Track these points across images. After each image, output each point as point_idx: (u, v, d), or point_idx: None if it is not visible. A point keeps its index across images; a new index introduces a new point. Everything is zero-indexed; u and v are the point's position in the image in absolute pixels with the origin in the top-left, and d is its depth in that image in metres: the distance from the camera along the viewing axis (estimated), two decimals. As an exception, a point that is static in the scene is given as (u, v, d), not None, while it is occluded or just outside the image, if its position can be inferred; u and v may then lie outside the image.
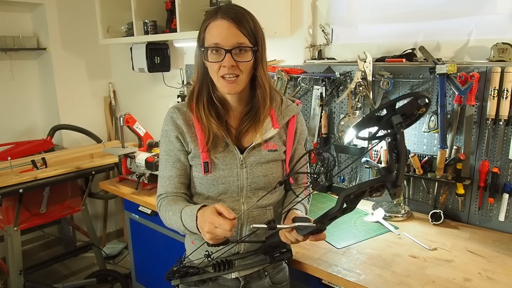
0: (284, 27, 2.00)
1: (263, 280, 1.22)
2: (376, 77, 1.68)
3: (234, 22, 1.03)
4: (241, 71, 1.06)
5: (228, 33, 1.03)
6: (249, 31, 1.05)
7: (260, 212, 1.18)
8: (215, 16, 1.05)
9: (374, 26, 1.81)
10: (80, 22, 2.98)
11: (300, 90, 1.96)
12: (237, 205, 1.16)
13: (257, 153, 1.15)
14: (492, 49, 1.44)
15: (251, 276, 1.21)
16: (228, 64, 1.04)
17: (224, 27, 1.03)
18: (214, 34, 1.04)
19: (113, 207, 3.34)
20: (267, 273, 1.23)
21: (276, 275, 1.25)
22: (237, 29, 1.04)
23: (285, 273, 1.29)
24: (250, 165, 1.15)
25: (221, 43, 1.03)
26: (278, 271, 1.26)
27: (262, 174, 1.16)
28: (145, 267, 2.18)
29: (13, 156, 2.39)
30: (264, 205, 1.18)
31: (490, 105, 1.42)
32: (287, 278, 1.29)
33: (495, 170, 1.46)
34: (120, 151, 2.17)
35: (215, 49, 1.05)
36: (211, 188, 1.16)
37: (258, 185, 1.16)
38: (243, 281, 1.20)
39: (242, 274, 1.19)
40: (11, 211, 2.22)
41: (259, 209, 1.17)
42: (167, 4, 2.27)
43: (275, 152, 1.17)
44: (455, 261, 1.28)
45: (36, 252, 3.07)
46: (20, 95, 2.94)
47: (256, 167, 1.15)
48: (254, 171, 1.15)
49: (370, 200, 1.82)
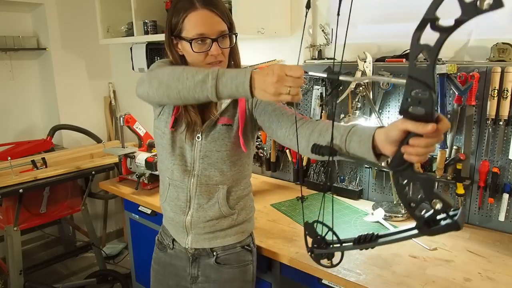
0: (284, 27, 2.00)
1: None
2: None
3: (215, 10, 1.07)
4: (224, 56, 1.11)
5: (211, 22, 1.06)
6: (226, 17, 1.10)
7: (211, 189, 1.19)
8: (193, 6, 1.06)
9: (374, 26, 1.81)
10: (80, 22, 2.98)
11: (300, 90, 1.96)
12: (188, 175, 1.19)
13: (212, 127, 1.17)
14: (492, 49, 1.44)
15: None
16: (217, 53, 1.07)
17: (207, 17, 1.06)
18: (196, 25, 1.06)
19: (113, 207, 3.34)
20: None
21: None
22: (218, 16, 1.07)
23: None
24: (205, 138, 1.17)
25: (206, 32, 1.06)
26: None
27: (215, 149, 1.17)
28: (145, 267, 2.18)
29: (13, 156, 2.39)
30: (215, 183, 1.19)
31: (490, 105, 1.42)
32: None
33: (495, 170, 1.46)
34: (120, 151, 2.17)
35: (200, 39, 1.06)
36: (170, 148, 1.18)
37: (210, 159, 1.17)
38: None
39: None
40: (11, 211, 2.22)
41: (211, 186, 1.19)
42: (167, 4, 2.27)
43: (229, 127, 1.17)
44: (455, 261, 1.28)
45: (36, 252, 3.07)
46: (20, 95, 2.94)
47: (210, 142, 1.17)
48: (208, 145, 1.17)
49: (370, 200, 1.83)
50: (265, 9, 1.87)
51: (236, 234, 1.25)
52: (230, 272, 1.25)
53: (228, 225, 1.23)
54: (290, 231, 1.52)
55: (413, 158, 0.71)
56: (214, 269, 1.25)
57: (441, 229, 0.72)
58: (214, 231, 1.22)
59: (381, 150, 0.81)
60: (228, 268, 1.25)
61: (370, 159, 0.84)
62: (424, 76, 0.65)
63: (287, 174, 2.16)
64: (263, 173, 2.26)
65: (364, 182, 1.86)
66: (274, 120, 1.10)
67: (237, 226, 1.25)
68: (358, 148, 0.85)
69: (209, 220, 1.21)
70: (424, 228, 0.73)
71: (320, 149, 0.84)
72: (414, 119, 0.68)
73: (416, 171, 0.73)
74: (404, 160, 0.72)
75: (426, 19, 0.63)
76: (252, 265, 1.30)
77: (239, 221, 1.24)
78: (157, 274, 1.36)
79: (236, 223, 1.24)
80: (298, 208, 1.74)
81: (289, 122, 1.05)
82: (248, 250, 1.29)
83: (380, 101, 1.70)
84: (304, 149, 1.00)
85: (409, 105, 0.68)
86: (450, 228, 0.71)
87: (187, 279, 1.29)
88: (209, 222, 1.21)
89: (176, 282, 1.31)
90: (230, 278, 1.25)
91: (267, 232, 1.51)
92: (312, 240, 0.89)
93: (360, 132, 0.86)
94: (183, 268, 1.29)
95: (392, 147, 0.76)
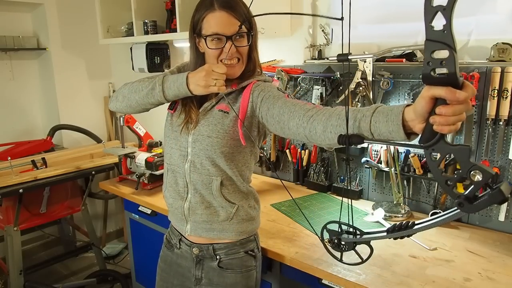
0: (284, 27, 2.00)
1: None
2: (376, 77, 1.68)
3: (232, 12, 1.11)
4: (241, 55, 1.15)
5: (228, 23, 1.11)
6: (244, 18, 1.13)
7: (205, 179, 1.20)
8: (212, 7, 1.11)
9: (374, 26, 1.82)
10: (80, 22, 2.98)
11: (300, 90, 1.96)
12: (183, 160, 1.21)
13: (209, 112, 1.20)
14: (492, 49, 1.44)
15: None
16: (229, 51, 1.12)
17: (223, 18, 1.11)
18: (213, 25, 1.11)
19: (113, 207, 3.34)
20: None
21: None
22: (235, 18, 1.11)
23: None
24: (200, 120, 1.19)
25: (221, 31, 1.11)
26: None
27: (206, 134, 1.17)
28: (145, 267, 2.18)
29: (13, 156, 2.39)
30: (207, 173, 1.19)
31: (490, 105, 1.42)
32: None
33: (495, 170, 1.46)
34: (120, 151, 2.17)
35: (216, 38, 1.12)
36: (168, 131, 1.26)
37: (201, 144, 1.18)
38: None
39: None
40: (11, 211, 2.22)
41: (204, 176, 1.19)
42: (167, 4, 2.27)
43: (225, 114, 1.18)
44: (455, 261, 1.28)
45: (36, 252, 3.07)
46: (20, 95, 2.94)
47: (202, 125, 1.19)
48: (200, 128, 1.18)
49: (370, 200, 1.83)
50: (265, 9, 1.87)
51: (233, 231, 1.24)
52: (232, 277, 1.25)
53: (225, 217, 1.22)
54: (290, 231, 1.52)
55: (443, 129, 0.66)
56: (217, 273, 1.25)
57: (486, 201, 0.65)
58: (211, 222, 1.23)
59: (411, 127, 0.75)
60: (231, 273, 1.25)
61: (399, 138, 0.79)
62: (443, 37, 0.62)
63: (287, 174, 2.16)
64: (263, 173, 2.26)
65: (364, 182, 1.86)
66: (285, 111, 1.04)
67: (234, 222, 1.23)
68: (385, 128, 0.80)
69: (207, 207, 1.22)
70: (466, 204, 0.66)
71: (349, 138, 0.79)
72: (438, 83, 0.64)
73: (449, 142, 0.68)
74: (435, 132, 0.68)
75: None
76: (255, 270, 1.30)
77: (238, 218, 1.23)
78: (162, 272, 1.37)
79: (232, 217, 1.22)
80: (298, 208, 1.74)
81: (302, 111, 1.00)
82: (252, 255, 1.28)
83: (380, 101, 1.70)
84: (320, 135, 0.93)
85: (431, 68, 0.64)
86: (495, 198, 0.64)
87: (191, 280, 1.29)
88: (206, 210, 1.22)
89: (181, 281, 1.32)
90: (233, 282, 1.25)
91: (267, 232, 1.51)
92: (334, 238, 0.86)
93: (387, 112, 0.80)
94: (188, 268, 1.30)
95: (422, 123, 0.71)
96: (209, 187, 1.20)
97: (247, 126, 1.17)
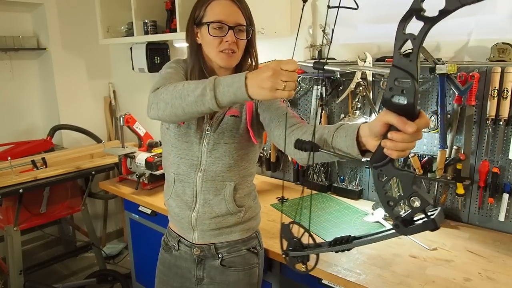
0: (284, 27, 2.00)
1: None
2: (376, 77, 1.68)
3: (237, 2, 1.14)
4: (238, 47, 1.15)
5: (231, 11, 1.13)
6: (246, 13, 1.16)
7: (218, 185, 1.19)
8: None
9: (374, 26, 1.82)
10: (80, 22, 2.97)
11: (300, 90, 1.96)
12: (194, 169, 1.19)
13: (221, 119, 1.19)
14: (492, 49, 1.44)
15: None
16: (231, 40, 1.12)
17: (228, 6, 1.13)
18: (217, 12, 1.12)
19: (113, 207, 3.34)
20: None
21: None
22: (238, 9, 1.14)
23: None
24: (214, 130, 1.18)
25: (225, 19, 1.11)
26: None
27: (223, 141, 1.17)
28: (145, 267, 2.18)
29: (13, 156, 2.39)
30: (221, 179, 1.19)
31: (490, 105, 1.42)
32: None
33: (495, 170, 1.46)
34: (120, 151, 2.17)
35: (218, 26, 1.12)
36: (177, 142, 1.20)
37: (218, 152, 1.17)
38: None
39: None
40: (11, 211, 2.22)
41: (218, 182, 1.19)
42: (167, 4, 2.27)
43: (237, 118, 1.18)
44: (455, 261, 1.28)
45: (36, 252, 3.07)
46: (20, 95, 2.94)
47: (218, 134, 1.18)
48: (216, 137, 1.18)
49: (370, 200, 1.83)
50: (265, 9, 1.87)
51: (241, 231, 1.25)
52: (235, 275, 1.25)
53: (234, 222, 1.23)
54: (290, 231, 1.52)
55: (392, 153, 0.69)
56: (219, 271, 1.25)
57: (418, 227, 0.69)
58: (220, 228, 1.22)
59: (365, 144, 0.80)
60: (234, 271, 1.25)
61: (354, 154, 0.83)
62: (408, 65, 0.65)
63: (287, 174, 2.16)
64: (263, 173, 2.26)
65: (364, 182, 1.86)
66: (274, 118, 1.10)
67: (243, 224, 1.25)
68: (343, 143, 0.85)
69: (215, 217, 1.21)
70: (401, 227, 0.70)
71: (302, 144, 0.83)
72: (396, 110, 0.67)
73: (396, 167, 0.71)
74: (385, 155, 0.70)
75: (412, 9, 0.63)
76: (258, 267, 1.30)
77: (245, 218, 1.25)
78: (162, 275, 1.36)
79: (242, 221, 1.24)
80: (298, 208, 1.74)
81: (287, 125, 1.05)
82: (254, 252, 1.29)
83: (380, 101, 1.70)
84: (292, 149, 0.96)
85: (391, 94, 0.67)
86: (426, 226, 0.68)
87: (192, 281, 1.29)
88: (215, 219, 1.21)
89: (181, 283, 1.31)
90: (235, 280, 1.25)
91: (267, 232, 1.51)
92: (287, 242, 0.87)
93: (347, 127, 0.86)
94: (188, 269, 1.29)
95: (375, 141, 0.75)
96: (221, 193, 1.20)
97: (256, 124, 1.20)
